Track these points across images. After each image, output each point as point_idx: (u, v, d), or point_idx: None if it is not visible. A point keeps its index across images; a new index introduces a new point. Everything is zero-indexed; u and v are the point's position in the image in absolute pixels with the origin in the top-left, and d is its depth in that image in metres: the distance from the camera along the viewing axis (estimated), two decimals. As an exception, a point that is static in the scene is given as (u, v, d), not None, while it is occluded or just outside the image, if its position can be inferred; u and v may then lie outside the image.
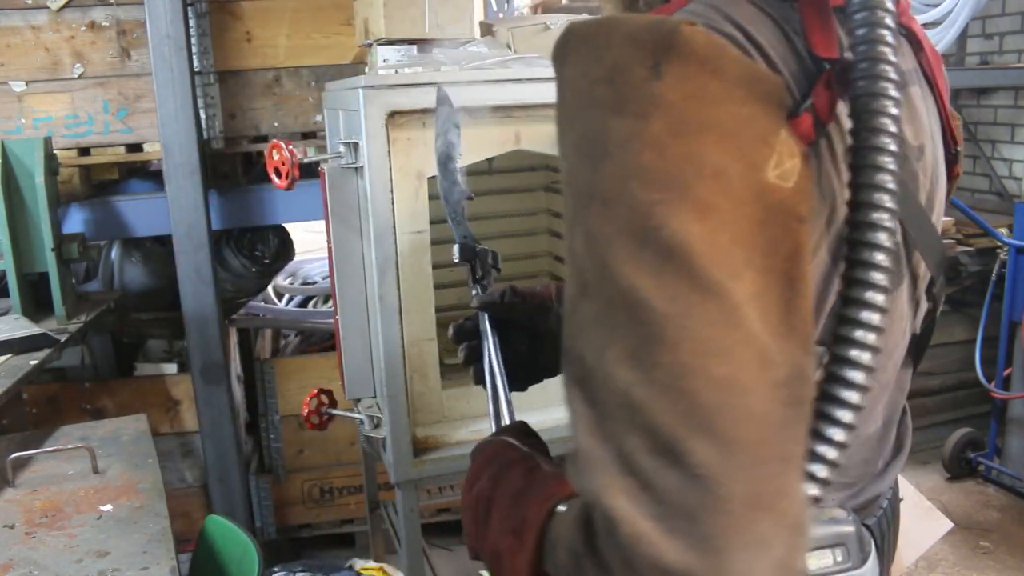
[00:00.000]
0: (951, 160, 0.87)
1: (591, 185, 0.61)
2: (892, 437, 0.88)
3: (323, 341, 3.56)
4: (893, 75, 0.65)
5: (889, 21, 0.66)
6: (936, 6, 3.07)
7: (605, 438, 0.58)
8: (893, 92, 0.65)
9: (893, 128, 0.65)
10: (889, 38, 0.65)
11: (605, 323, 0.59)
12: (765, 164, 0.59)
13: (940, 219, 0.85)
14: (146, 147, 2.68)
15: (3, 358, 2.05)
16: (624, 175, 0.59)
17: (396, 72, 1.83)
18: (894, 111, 0.65)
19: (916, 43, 0.82)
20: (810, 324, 0.61)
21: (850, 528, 0.74)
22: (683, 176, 0.58)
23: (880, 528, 0.83)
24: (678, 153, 0.58)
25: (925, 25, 3.14)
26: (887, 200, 0.65)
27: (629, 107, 0.60)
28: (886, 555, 0.83)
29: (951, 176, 0.89)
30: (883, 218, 0.64)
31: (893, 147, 0.65)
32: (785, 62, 0.69)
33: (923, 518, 2.46)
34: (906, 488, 2.58)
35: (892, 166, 0.65)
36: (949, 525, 2.48)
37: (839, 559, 0.73)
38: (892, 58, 0.65)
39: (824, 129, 0.68)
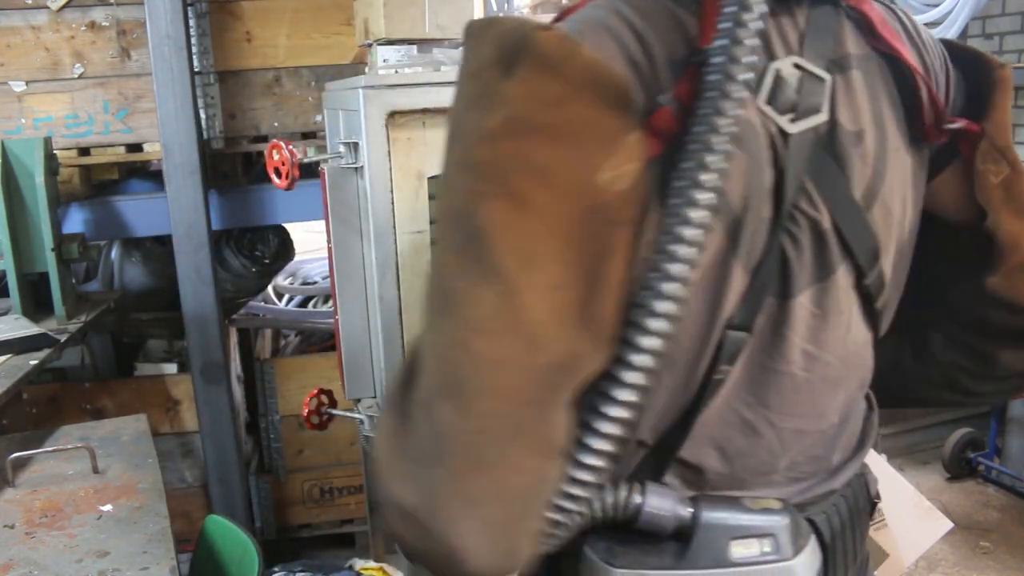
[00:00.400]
0: (938, 134, 0.85)
1: (444, 167, 0.69)
2: (850, 434, 0.88)
3: (323, 341, 3.56)
4: (740, 76, 0.67)
5: (751, 19, 0.67)
6: (936, 6, 3.06)
7: (401, 374, 0.68)
8: (734, 94, 0.66)
9: (726, 126, 0.66)
10: (746, 38, 0.67)
11: (430, 284, 0.68)
12: (599, 166, 0.63)
13: (889, 211, 0.82)
14: (146, 147, 2.68)
15: (3, 358, 2.05)
16: (459, 163, 0.67)
17: (396, 72, 1.83)
18: (730, 110, 0.66)
19: (867, 27, 0.81)
20: (608, 321, 0.64)
21: (782, 520, 0.75)
22: (505, 171, 0.64)
23: (831, 525, 0.82)
24: (506, 149, 0.64)
25: (925, 25, 3.15)
26: (704, 194, 0.66)
27: (481, 102, 0.66)
28: (839, 553, 0.82)
29: (958, 152, 0.87)
30: (694, 211, 0.66)
31: (721, 145, 0.66)
32: (672, 54, 0.71)
33: (923, 518, 2.46)
34: (906, 488, 2.58)
35: (716, 160, 0.66)
36: (949, 525, 2.48)
37: (766, 550, 0.74)
38: (744, 58, 0.67)
39: (685, 111, 0.70)
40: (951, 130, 0.85)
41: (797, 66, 0.74)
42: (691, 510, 0.74)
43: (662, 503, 0.74)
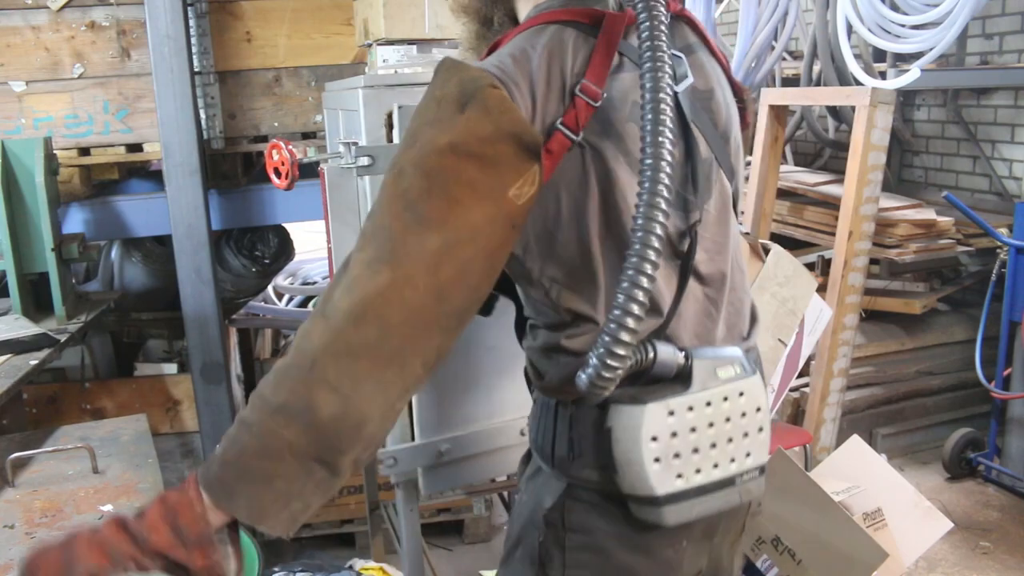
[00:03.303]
0: (742, 109, 1.24)
1: (396, 159, 0.98)
2: (741, 318, 1.21)
3: (323, 341, 3.56)
4: (667, 81, 0.98)
5: (660, 31, 0.99)
6: (936, 6, 3.06)
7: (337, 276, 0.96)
8: (666, 87, 0.98)
9: (667, 96, 0.98)
10: (663, 47, 0.99)
11: (368, 232, 0.96)
12: (510, 185, 0.96)
13: (737, 145, 1.21)
14: (146, 147, 2.68)
15: (3, 358, 2.05)
16: (414, 163, 0.96)
17: (396, 72, 1.83)
18: (667, 92, 0.98)
19: (693, 25, 1.19)
20: (486, 288, 0.98)
21: (739, 353, 1.11)
22: (446, 177, 0.95)
23: (759, 364, 1.19)
24: (449, 163, 0.95)
25: (925, 25, 3.14)
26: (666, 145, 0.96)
27: (438, 124, 0.97)
28: (764, 378, 1.19)
29: (744, 121, 1.25)
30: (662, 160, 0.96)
31: (666, 106, 0.97)
32: (558, 90, 1.02)
33: (923, 518, 2.46)
34: (906, 489, 2.57)
35: (667, 111, 0.97)
36: (949, 525, 2.48)
37: (738, 371, 1.09)
38: (666, 69, 0.98)
39: (578, 134, 1.02)
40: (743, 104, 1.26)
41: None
42: (684, 355, 1.07)
43: (666, 353, 1.05)
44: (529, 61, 1.02)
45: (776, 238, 3.72)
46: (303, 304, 4.26)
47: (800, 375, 3.10)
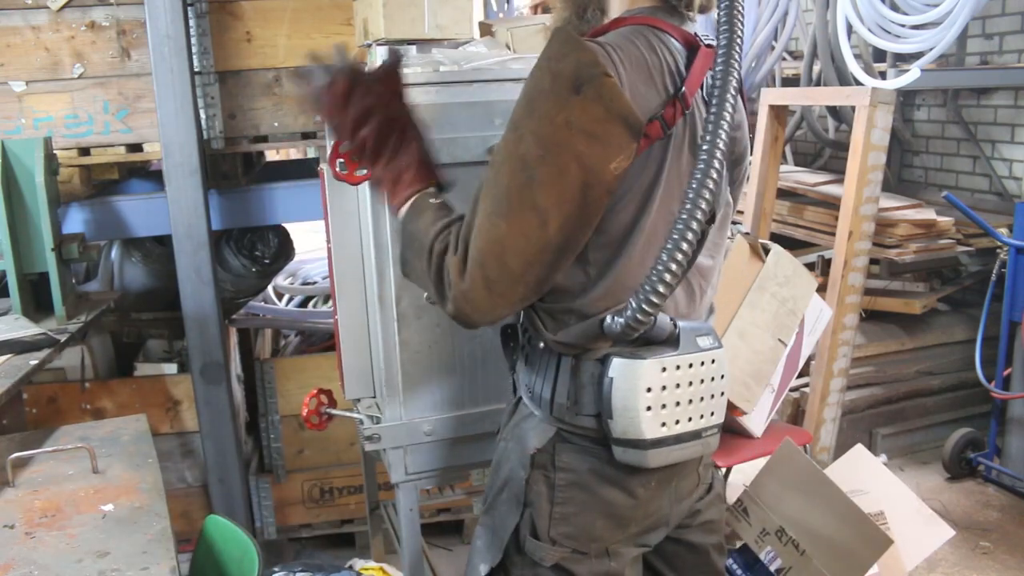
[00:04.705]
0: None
1: (517, 123, 1.16)
2: (706, 308, 1.39)
3: (323, 341, 3.56)
4: (733, 92, 1.19)
5: (736, 72, 1.19)
6: (936, 6, 3.06)
7: (470, 222, 1.17)
8: (731, 99, 1.19)
9: (729, 114, 1.18)
10: (734, 69, 1.20)
11: (491, 180, 1.16)
12: (612, 159, 1.13)
13: (744, 174, 1.43)
14: (146, 147, 2.68)
15: (3, 358, 2.05)
16: (533, 131, 1.13)
17: (396, 72, 1.82)
18: (731, 108, 1.18)
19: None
20: (583, 238, 1.18)
21: (710, 327, 1.32)
22: (560, 149, 1.12)
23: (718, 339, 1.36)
24: (564, 137, 1.12)
25: (925, 25, 3.14)
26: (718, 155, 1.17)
27: (555, 99, 1.12)
28: None
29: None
30: (714, 165, 1.16)
31: (727, 121, 1.18)
32: (659, 85, 1.20)
33: (924, 525, 2.46)
34: (908, 495, 2.58)
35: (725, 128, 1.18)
36: (950, 532, 2.48)
37: (712, 342, 1.29)
38: (735, 84, 1.19)
39: (670, 129, 1.20)
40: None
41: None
42: (673, 323, 1.26)
43: (662, 319, 1.24)
44: (636, 54, 1.18)
45: (776, 238, 3.72)
46: (303, 304, 4.26)
47: (800, 375, 3.10)
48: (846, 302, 3.38)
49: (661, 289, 1.15)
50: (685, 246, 1.14)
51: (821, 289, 3.18)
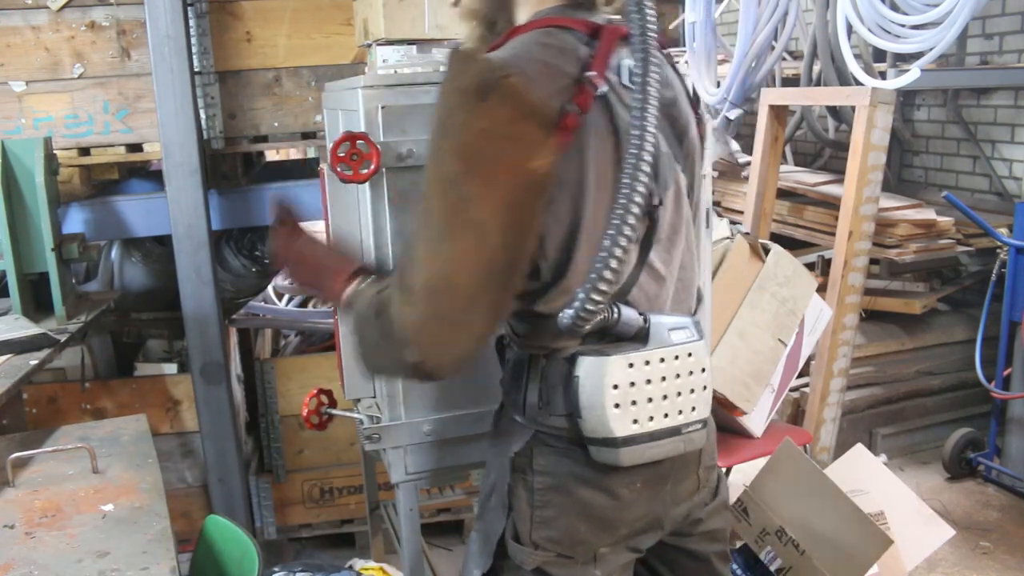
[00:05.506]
0: (698, 119, 1.38)
1: (435, 149, 1.14)
2: (688, 295, 1.37)
3: (323, 341, 3.56)
4: (655, 69, 1.17)
5: (654, 51, 1.18)
6: (936, 6, 3.06)
7: (403, 265, 1.17)
8: (653, 90, 1.17)
9: (653, 98, 1.16)
10: (652, 47, 1.17)
11: (422, 212, 1.15)
12: (531, 158, 1.11)
13: (693, 145, 1.35)
14: (146, 147, 2.68)
15: (3, 358, 2.05)
16: (451, 151, 1.12)
17: (395, 72, 1.83)
18: (656, 84, 1.17)
19: (663, 47, 1.34)
20: (529, 246, 1.16)
21: (688, 320, 1.29)
22: (479, 159, 1.11)
23: (702, 332, 1.33)
24: (481, 146, 1.11)
25: (925, 25, 3.14)
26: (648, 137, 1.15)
27: (465, 112, 1.11)
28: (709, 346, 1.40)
29: (699, 131, 1.40)
30: (645, 149, 1.15)
31: (652, 108, 1.16)
32: (565, 78, 1.17)
33: (924, 525, 2.46)
34: (908, 495, 2.58)
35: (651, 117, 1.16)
36: (950, 532, 2.48)
37: (688, 335, 1.27)
38: (655, 61, 1.17)
39: (584, 114, 1.16)
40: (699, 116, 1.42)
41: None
42: (643, 317, 1.24)
43: (629, 315, 1.23)
44: (539, 54, 1.18)
45: (776, 238, 3.72)
46: (303, 304, 4.25)
47: (800, 375, 3.10)
48: (846, 302, 3.38)
49: (607, 276, 1.14)
50: (627, 231, 1.13)
51: (821, 289, 3.18)
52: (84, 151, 2.66)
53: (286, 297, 4.30)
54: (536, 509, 1.30)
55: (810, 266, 3.72)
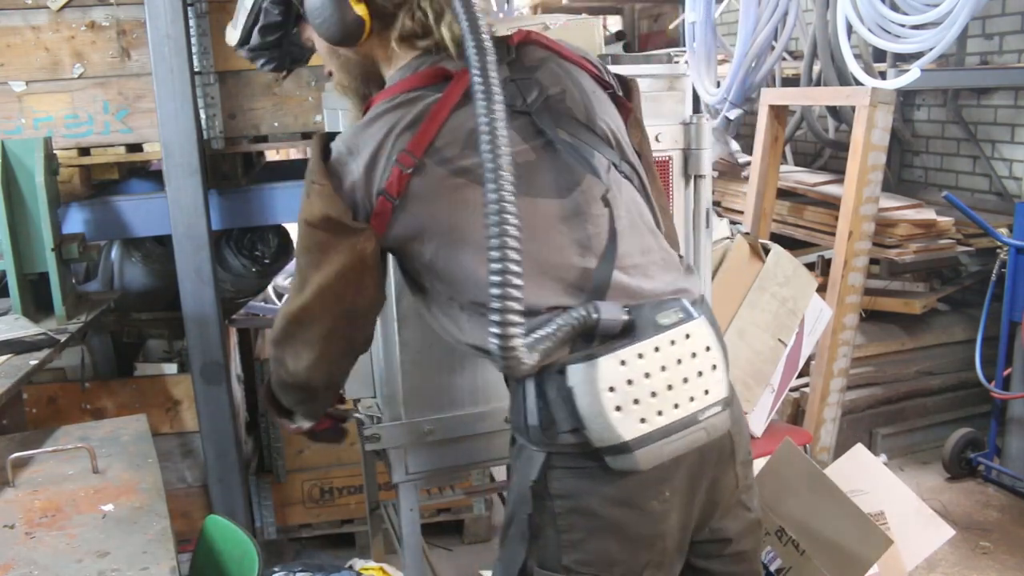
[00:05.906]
0: (615, 99, 1.41)
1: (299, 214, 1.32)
2: (670, 262, 1.33)
3: (323, 341, 3.55)
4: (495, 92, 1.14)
5: (495, 87, 1.13)
6: (936, 6, 3.06)
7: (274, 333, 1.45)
8: (494, 118, 1.13)
9: (487, 123, 1.12)
10: (495, 90, 1.13)
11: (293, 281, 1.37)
12: (326, 259, 1.29)
13: (609, 126, 1.34)
14: (146, 147, 2.67)
15: (3, 358, 2.05)
16: (298, 224, 1.31)
17: (396, 72, 1.82)
18: (497, 124, 1.12)
19: (541, 43, 1.37)
20: (362, 299, 1.36)
21: (678, 301, 1.22)
22: (308, 241, 1.30)
23: (701, 306, 1.28)
24: (306, 231, 1.30)
25: (925, 25, 3.14)
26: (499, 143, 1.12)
27: (304, 197, 1.29)
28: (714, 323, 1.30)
29: (622, 108, 1.42)
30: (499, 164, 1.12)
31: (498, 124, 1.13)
32: (386, 159, 1.24)
33: (924, 525, 2.46)
34: (908, 495, 2.58)
35: (497, 126, 1.13)
36: (950, 532, 2.48)
37: (680, 316, 1.19)
38: (494, 81, 1.14)
39: (396, 200, 1.24)
40: (617, 93, 1.43)
41: (510, 79, 1.29)
42: (627, 310, 1.18)
43: (610, 311, 1.17)
44: (366, 137, 1.26)
45: (776, 238, 3.72)
46: (303, 304, 4.25)
47: (800, 375, 3.11)
48: (846, 302, 3.38)
49: (512, 293, 1.09)
50: (511, 254, 1.08)
51: (821, 289, 3.18)
52: (84, 151, 2.66)
53: (286, 297, 4.30)
54: (562, 533, 1.24)
55: (810, 266, 3.72)
